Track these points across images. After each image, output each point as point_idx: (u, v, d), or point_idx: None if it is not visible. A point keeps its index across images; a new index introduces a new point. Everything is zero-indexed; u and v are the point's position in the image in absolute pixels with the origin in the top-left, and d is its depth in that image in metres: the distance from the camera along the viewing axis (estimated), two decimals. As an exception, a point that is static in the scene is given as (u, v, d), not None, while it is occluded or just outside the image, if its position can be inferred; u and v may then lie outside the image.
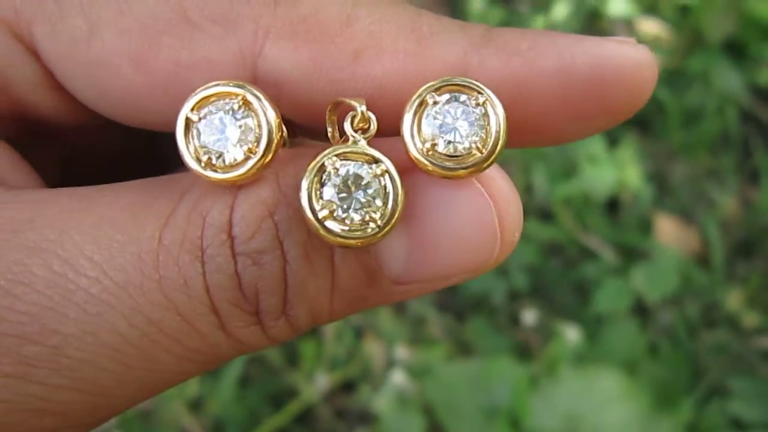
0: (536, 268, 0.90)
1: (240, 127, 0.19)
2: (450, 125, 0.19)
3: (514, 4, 1.10)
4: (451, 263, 0.19)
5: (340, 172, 0.19)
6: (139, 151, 0.27)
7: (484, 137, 0.19)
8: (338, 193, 0.18)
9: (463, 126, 0.19)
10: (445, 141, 0.19)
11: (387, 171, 0.19)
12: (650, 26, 1.08)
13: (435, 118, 0.19)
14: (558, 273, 0.91)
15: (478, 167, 0.19)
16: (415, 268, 0.19)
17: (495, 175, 0.19)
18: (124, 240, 0.18)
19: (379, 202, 0.18)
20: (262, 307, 0.19)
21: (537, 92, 0.20)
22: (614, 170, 0.94)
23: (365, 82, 0.20)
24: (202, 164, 0.19)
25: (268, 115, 0.19)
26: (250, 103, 0.19)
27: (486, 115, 0.19)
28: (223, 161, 0.19)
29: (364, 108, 0.19)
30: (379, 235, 0.18)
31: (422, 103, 0.19)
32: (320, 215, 0.18)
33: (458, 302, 0.90)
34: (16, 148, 0.22)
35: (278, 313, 0.19)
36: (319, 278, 0.19)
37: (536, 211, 0.95)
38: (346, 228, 0.18)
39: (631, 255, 0.92)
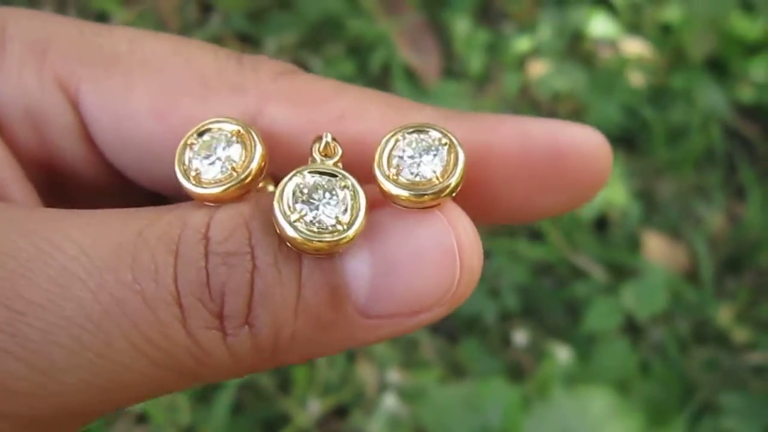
0: (526, 288, 0.91)
1: (229, 151, 0.21)
2: (416, 157, 0.21)
3: (499, 26, 1.11)
4: (415, 290, 0.20)
5: (308, 183, 0.21)
6: None
7: (444, 169, 0.21)
8: (308, 200, 0.20)
9: (426, 159, 0.21)
10: (409, 170, 0.21)
11: (351, 184, 0.21)
12: (633, 46, 1.10)
13: (403, 151, 0.21)
14: (548, 293, 0.92)
15: (438, 194, 0.20)
16: (379, 295, 0.20)
17: (452, 207, 0.21)
18: (109, 232, 0.19)
19: (344, 207, 0.20)
20: (226, 310, 0.19)
21: (499, 157, 0.23)
22: (602, 188, 0.95)
23: (348, 138, 0.22)
24: (191, 179, 0.21)
25: (256, 145, 0.21)
26: (243, 135, 0.21)
27: (448, 153, 0.21)
28: (209, 178, 0.21)
29: (329, 138, 0.22)
30: (345, 237, 0.20)
31: (395, 141, 0.21)
32: (291, 219, 0.20)
33: (450, 324, 0.90)
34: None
35: (241, 318, 0.20)
36: (285, 288, 0.20)
37: (525, 231, 0.96)
38: (315, 231, 0.20)
39: (620, 273, 0.92)
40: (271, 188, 0.24)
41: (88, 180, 0.26)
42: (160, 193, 0.26)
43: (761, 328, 0.89)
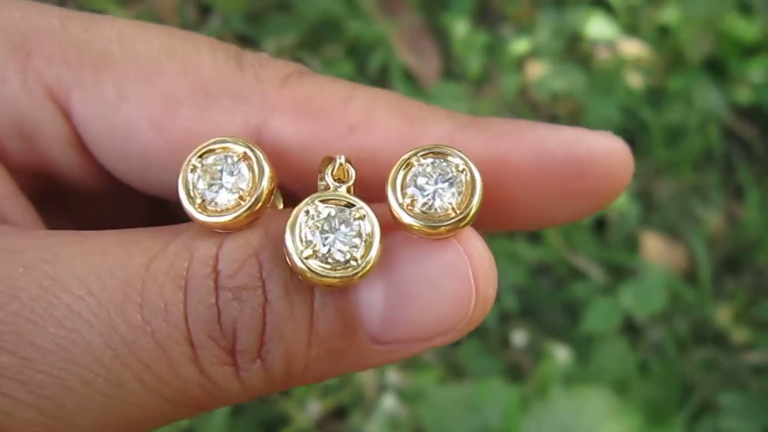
0: (525, 289, 0.91)
1: (235, 176, 0.20)
2: (431, 187, 0.20)
3: (498, 28, 1.12)
4: (428, 316, 0.20)
5: (321, 215, 0.20)
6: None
7: (461, 200, 0.20)
8: (321, 234, 0.19)
9: (443, 188, 0.20)
10: (424, 200, 0.20)
11: (365, 215, 0.20)
12: (631, 47, 1.10)
13: (418, 179, 0.20)
14: (547, 293, 0.92)
15: (455, 226, 0.20)
16: (392, 323, 0.20)
17: (469, 234, 0.20)
18: (113, 266, 0.19)
19: (358, 241, 0.19)
20: (238, 345, 0.19)
21: (515, 170, 0.22)
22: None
23: (359, 154, 0.22)
24: (196, 206, 0.20)
25: (264, 169, 0.20)
26: (249, 158, 0.20)
27: (465, 180, 0.20)
28: (216, 205, 0.20)
29: (342, 159, 0.21)
30: (359, 272, 0.19)
31: (408, 165, 0.20)
32: (304, 255, 0.19)
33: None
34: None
35: (254, 353, 0.19)
36: (297, 320, 0.19)
37: (524, 232, 0.96)
38: (328, 267, 0.19)
39: (619, 273, 0.92)
40: (279, 204, 0.23)
41: (84, 186, 0.25)
42: (158, 197, 0.25)
43: (760, 328, 0.89)
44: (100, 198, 0.26)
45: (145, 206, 0.28)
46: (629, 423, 0.71)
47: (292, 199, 0.23)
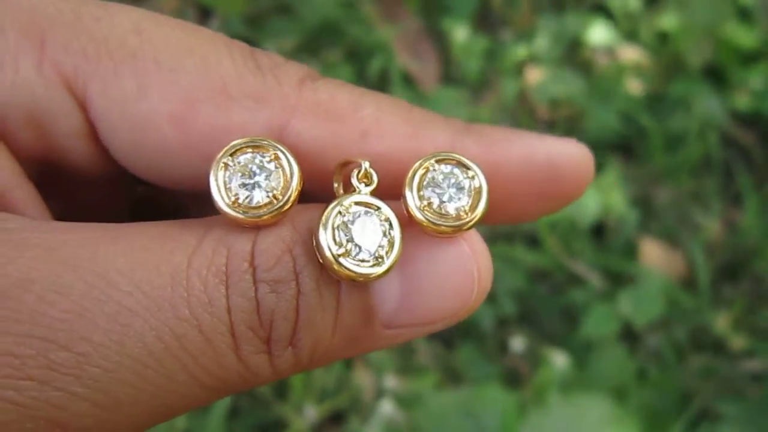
0: (524, 294, 0.91)
1: (268, 176, 0.22)
2: (444, 190, 0.23)
3: (498, 33, 1.12)
4: (436, 307, 0.23)
5: (351, 213, 0.22)
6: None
7: (471, 204, 0.23)
8: (349, 232, 0.21)
9: (453, 192, 0.23)
10: (438, 202, 0.23)
11: (389, 217, 0.22)
12: (631, 53, 1.10)
13: (433, 182, 0.23)
14: (545, 299, 0.92)
15: (464, 226, 0.22)
16: (404, 311, 0.22)
17: (471, 232, 0.23)
18: (156, 262, 0.20)
19: (384, 242, 0.22)
20: (274, 334, 0.21)
21: (506, 173, 0.25)
22: (599, 195, 0.95)
23: (371, 157, 0.23)
24: (231, 204, 0.21)
25: (293, 169, 0.21)
26: (279, 158, 0.22)
27: (473, 186, 0.23)
28: (249, 202, 0.21)
29: (367, 165, 0.23)
30: (384, 270, 0.21)
31: (424, 170, 0.23)
32: (337, 252, 0.21)
33: (447, 330, 0.90)
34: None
35: (287, 341, 0.21)
36: (325, 311, 0.21)
37: (523, 237, 0.96)
38: (357, 264, 0.21)
39: (617, 280, 0.92)
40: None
41: (89, 174, 0.25)
42: (165, 187, 0.26)
43: (758, 335, 0.89)
44: (98, 182, 0.27)
45: (131, 187, 0.28)
46: (627, 430, 0.71)
47: (304, 199, 0.25)
